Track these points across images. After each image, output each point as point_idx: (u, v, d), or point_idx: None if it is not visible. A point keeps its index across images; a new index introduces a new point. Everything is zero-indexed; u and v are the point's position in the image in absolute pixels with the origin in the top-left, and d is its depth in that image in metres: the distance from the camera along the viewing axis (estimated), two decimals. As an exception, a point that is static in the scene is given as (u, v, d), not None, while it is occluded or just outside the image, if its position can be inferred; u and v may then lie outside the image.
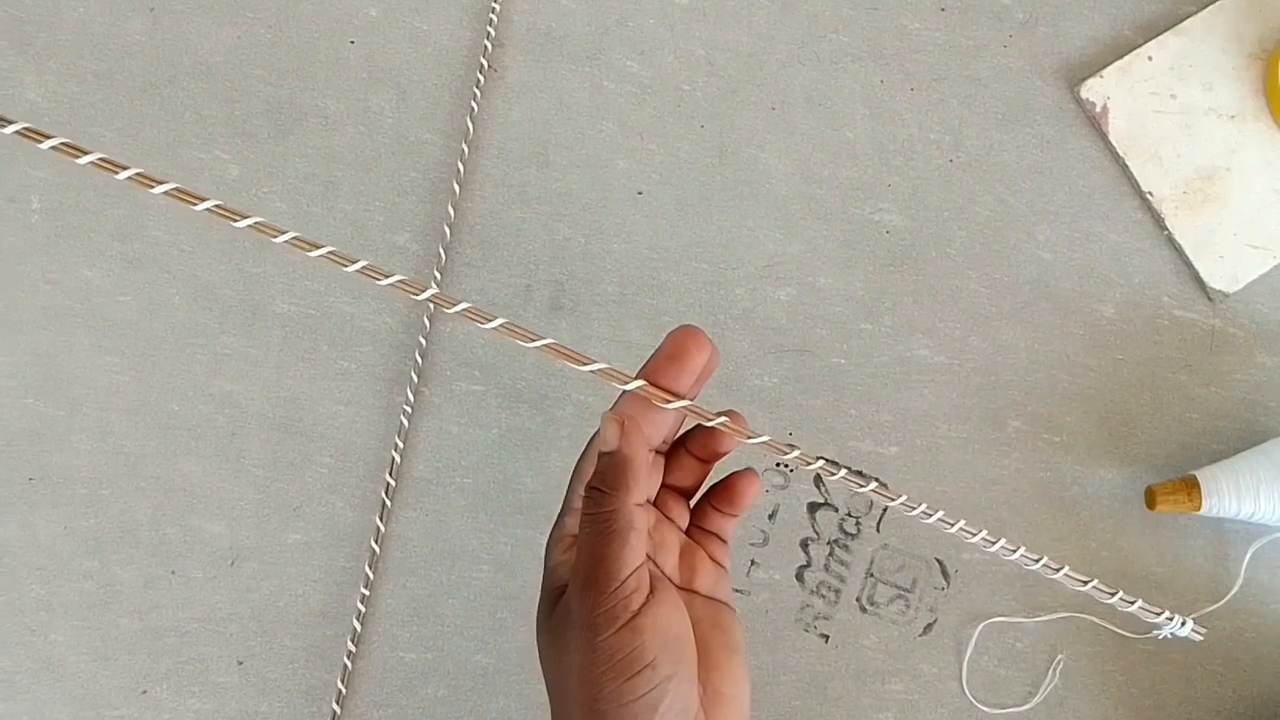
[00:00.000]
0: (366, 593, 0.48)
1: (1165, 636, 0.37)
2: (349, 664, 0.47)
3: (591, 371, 0.32)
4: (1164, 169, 0.52)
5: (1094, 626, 0.49)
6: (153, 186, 0.31)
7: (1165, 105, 0.52)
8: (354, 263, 0.32)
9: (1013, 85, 0.53)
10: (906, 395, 0.51)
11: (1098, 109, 0.52)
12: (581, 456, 0.35)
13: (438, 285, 0.45)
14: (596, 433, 0.34)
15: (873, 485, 0.36)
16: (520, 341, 0.32)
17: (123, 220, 0.50)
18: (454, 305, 0.32)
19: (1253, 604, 0.50)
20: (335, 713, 0.47)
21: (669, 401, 0.33)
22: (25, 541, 0.48)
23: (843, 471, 0.35)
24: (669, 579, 0.34)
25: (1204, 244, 0.52)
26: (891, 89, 0.53)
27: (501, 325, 0.32)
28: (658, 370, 0.33)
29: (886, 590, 0.50)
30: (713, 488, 0.37)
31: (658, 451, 0.35)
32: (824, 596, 0.49)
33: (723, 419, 0.34)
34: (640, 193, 0.52)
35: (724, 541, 0.37)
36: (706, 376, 0.34)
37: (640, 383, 0.33)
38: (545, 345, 0.32)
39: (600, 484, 0.32)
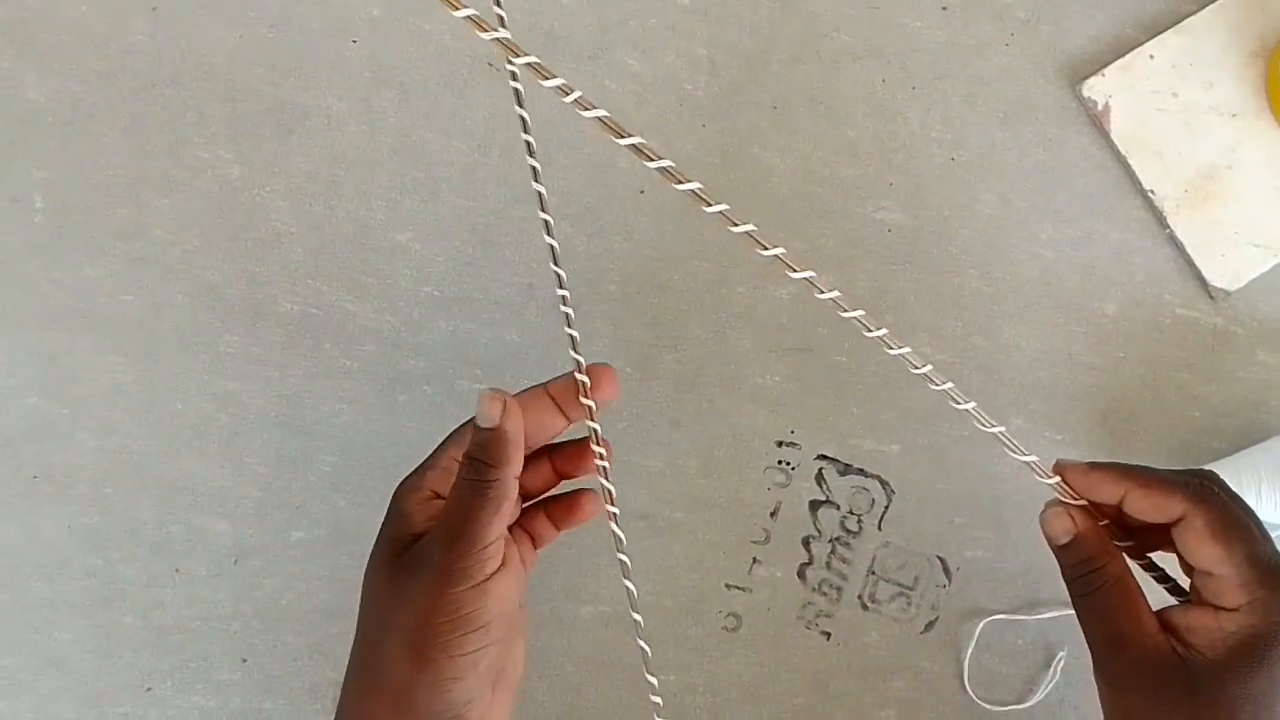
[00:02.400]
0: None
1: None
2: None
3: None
4: (1165, 167, 0.52)
5: (1095, 624, 0.49)
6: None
7: (1167, 103, 0.52)
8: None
9: (1014, 84, 0.53)
10: (908, 394, 0.51)
11: (1099, 107, 0.52)
12: (461, 425, 0.37)
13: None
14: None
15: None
16: (614, 138, 0.32)
17: (125, 219, 0.50)
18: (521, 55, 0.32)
19: (1254, 602, 0.50)
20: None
21: None
22: (28, 540, 0.48)
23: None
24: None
25: (1206, 242, 0.52)
26: (893, 88, 0.53)
27: (602, 117, 0.33)
28: (557, 396, 0.37)
29: (888, 588, 0.50)
30: (553, 497, 0.40)
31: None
32: (826, 594, 0.49)
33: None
34: (642, 192, 0.52)
35: (535, 548, 0.39)
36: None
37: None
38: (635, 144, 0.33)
39: (481, 455, 0.34)
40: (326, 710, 0.48)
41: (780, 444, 0.50)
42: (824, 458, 0.50)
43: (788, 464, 0.50)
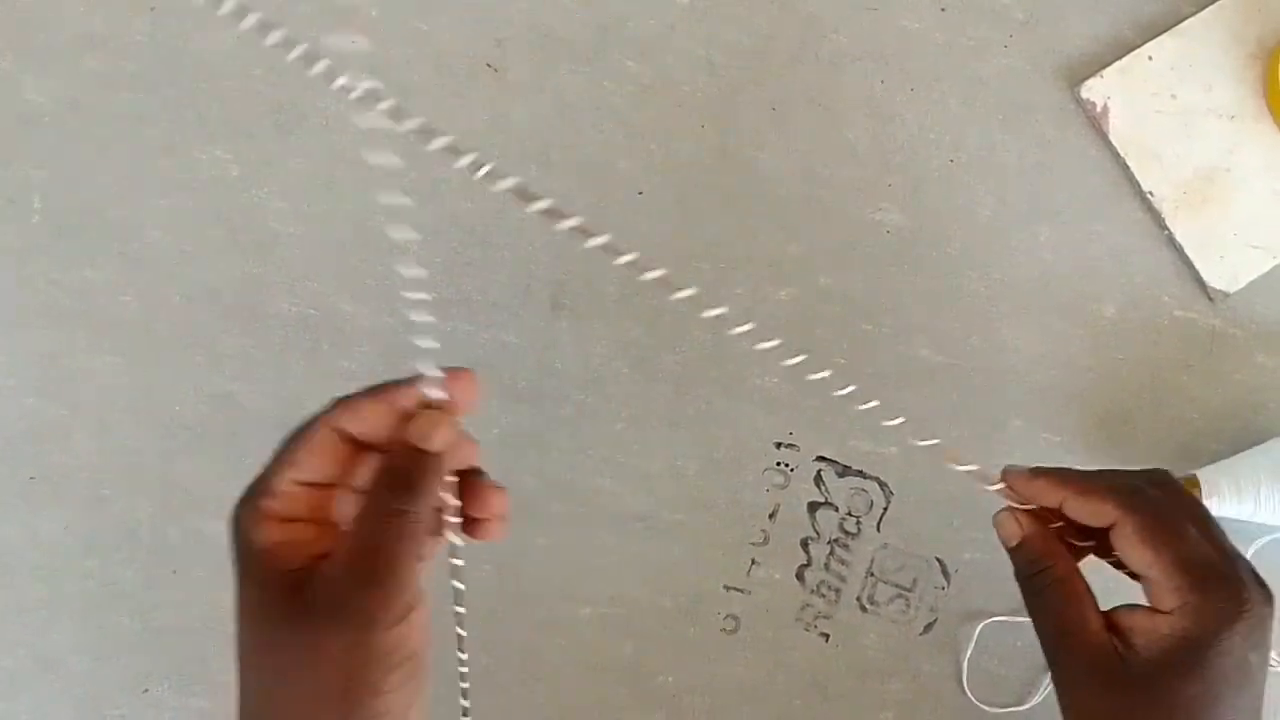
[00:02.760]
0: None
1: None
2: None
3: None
4: (1164, 169, 0.52)
5: (1094, 626, 0.49)
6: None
7: (1165, 105, 0.52)
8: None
9: (1013, 85, 0.53)
10: (907, 395, 0.51)
11: (1098, 109, 0.52)
12: (291, 439, 0.33)
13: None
14: (318, 414, 0.33)
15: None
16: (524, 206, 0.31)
17: (123, 220, 0.50)
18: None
19: (1253, 603, 0.50)
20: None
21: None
22: (26, 541, 0.48)
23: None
24: None
25: (1204, 244, 0.52)
26: (892, 89, 0.53)
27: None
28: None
29: (887, 589, 0.50)
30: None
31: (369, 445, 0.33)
32: (824, 596, 0.49)
33: None
34: (641, 193, 0.52)
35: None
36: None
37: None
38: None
39: (399, 484, 0.30)
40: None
41: (779, 445, 0.50)
42: (823, 459, 0.50)
43: (786, 465, 0.50)
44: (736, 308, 0.51)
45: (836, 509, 0.50)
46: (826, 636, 0.49)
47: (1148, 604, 0.35)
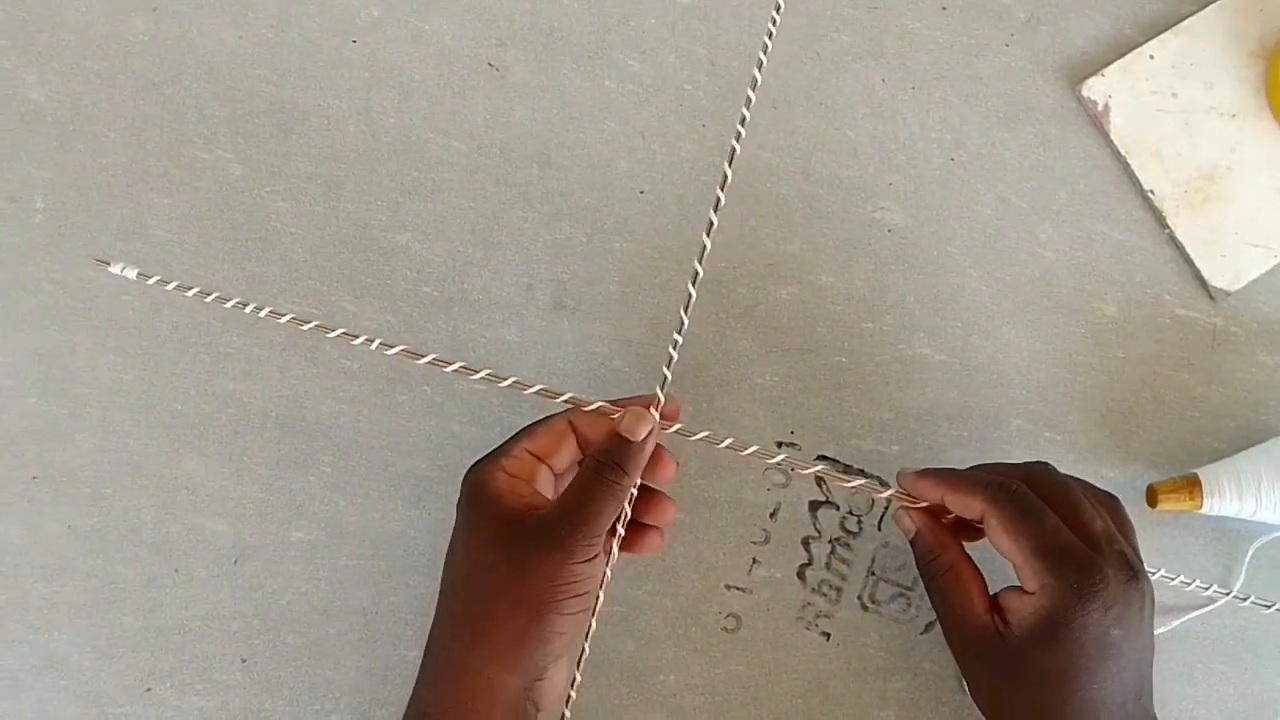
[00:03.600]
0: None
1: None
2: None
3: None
4: (1165, 168, 0.52)
5: (1095, 625, 0.49)
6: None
7: (1166, 104, 0.52)
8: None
9: (1014, 84, 0.53)
10: (908, 394, 0.51)
11: (1099, 108, 0.52)
12: (537, 422, 0.43)
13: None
14: (560, 413, 0.43)
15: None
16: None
17: (126, 220, 0.50)
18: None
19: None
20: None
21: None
22: (28, 540, 0.48)
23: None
24: None
25: (1205, 242, 0.52)
26: (893, 88, 0.53)
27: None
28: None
29: (888, 588, 0.50)
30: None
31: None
32: (825, 595, 0.49)
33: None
34: (642, 192, 0.52)
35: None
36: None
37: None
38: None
39: (619, 460, 0.40)
40: (326, 710, 0.48)
41: (780, 444, 0.50)
42: (824, 458, 0.50)
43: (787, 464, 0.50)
44: (737, 307, 0.51)
45: (837, 507, 0.50)
46: (827, 635, 0.49)
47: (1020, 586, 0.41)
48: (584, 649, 0.43)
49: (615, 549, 0.42)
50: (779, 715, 0.49)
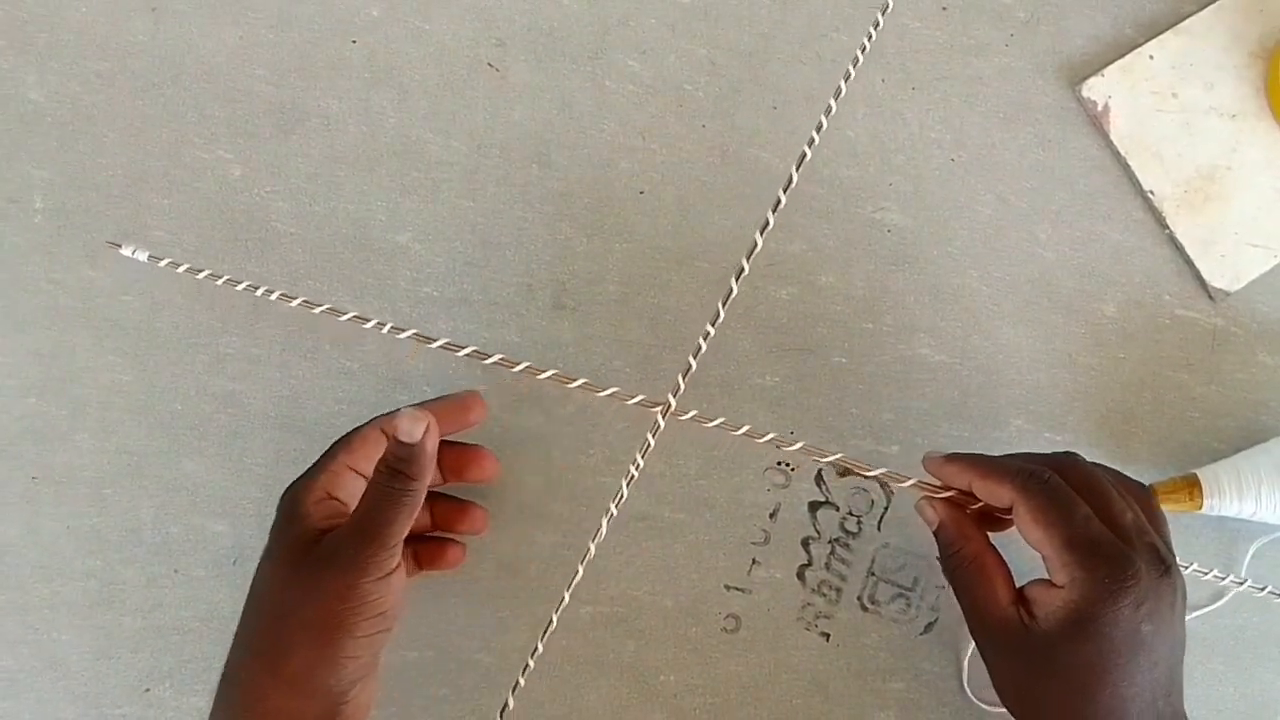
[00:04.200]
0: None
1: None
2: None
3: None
4: (1165, 168, 0.52)
5: (1095, 625, 0.49)
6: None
7: (1166, 104, 0.52)
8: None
9: (1014, 84, 0.53)
10: (908, 394, 0.51)
11: (1099, 108, 0.52)
12: (351, 432, 0.42)
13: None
14: (389, 413, 0.42)
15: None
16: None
17: (125, 220, 0.50)
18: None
19: (1254, 602, 0.50)
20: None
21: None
22: (28, 540, 0.48)
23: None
24: None
25: (1205, 243, 0.52)
26: (893, 88, 0.53)
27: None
28: (443, 414, 0.43)
29: (888, 589, 0.50)
30: (425, 539, 0.46)
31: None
32: (825, 595, 0.49)
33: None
34: (642, 192, 0.52)
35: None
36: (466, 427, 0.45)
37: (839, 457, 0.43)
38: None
39: (401, 466, 0.38)
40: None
41: (780, 445, 0.50)
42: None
43: (787, 465, 0.50)
44: (737, 307, 0.51)
45: (837, 508, 0.50)
46: (827, 636, 0.49)
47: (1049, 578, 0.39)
48: (552, 619, 0.42)
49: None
50: (779, 715, 0.48)
